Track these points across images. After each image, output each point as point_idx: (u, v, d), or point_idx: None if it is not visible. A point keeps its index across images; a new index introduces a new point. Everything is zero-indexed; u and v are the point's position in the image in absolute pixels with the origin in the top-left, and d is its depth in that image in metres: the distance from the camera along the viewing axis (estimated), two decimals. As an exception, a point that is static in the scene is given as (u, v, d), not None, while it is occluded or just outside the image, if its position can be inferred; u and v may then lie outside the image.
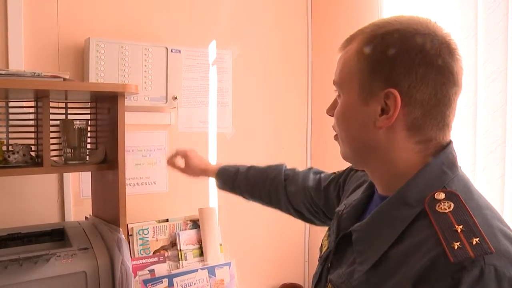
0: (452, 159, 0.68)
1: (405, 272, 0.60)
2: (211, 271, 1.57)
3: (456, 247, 0.57)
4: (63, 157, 1.33)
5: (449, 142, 0.69)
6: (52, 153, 1.27)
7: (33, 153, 1.28)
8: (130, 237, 1.51)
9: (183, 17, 1.75)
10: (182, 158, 1.40)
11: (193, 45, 1.75)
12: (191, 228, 1.64)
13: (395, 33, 0.65)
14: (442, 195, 0.63)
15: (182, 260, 1.57)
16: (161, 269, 1.51)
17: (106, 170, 1.32)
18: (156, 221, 1.58)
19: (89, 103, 1.44)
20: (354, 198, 0.82)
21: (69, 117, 1.39)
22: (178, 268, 1.55)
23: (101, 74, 1.50)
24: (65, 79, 1.18)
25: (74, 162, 1.31)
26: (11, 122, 1.34)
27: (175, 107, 1.71)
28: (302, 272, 2.10)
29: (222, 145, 1.85)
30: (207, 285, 1.55)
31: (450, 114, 0.67)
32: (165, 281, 1.48)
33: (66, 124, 1.32)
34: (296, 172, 1.18)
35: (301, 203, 1.13)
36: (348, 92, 0.70)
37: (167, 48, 1.62)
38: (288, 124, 2.05)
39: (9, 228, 1.29)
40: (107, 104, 1.32)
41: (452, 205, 0.62)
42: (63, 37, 1.51)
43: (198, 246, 1.62)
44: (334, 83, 0.74)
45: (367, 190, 0.79)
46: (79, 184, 1.57)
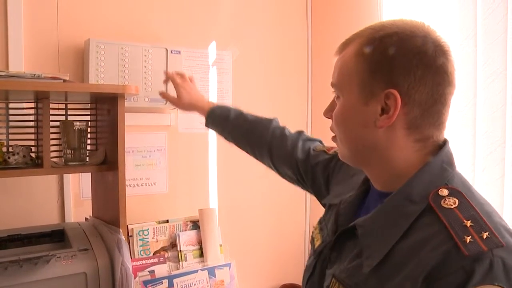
0: (450, 157, 0.71)
1: (415, 266, 0.62)
2: (211, 272, 1.58)
3: (468, 241, 0.59)
4: (63, 158, 1.33)
5: (445, 141, 0.72)
6: (52, 154, 1.27)
7: (33, 154, 1.28)
8: (130, 238, 1.52)
9: (183, 18, 1.75)
10: (179, 84, 1.41)
11: (193, 46, 1.75)
12: (191, 229, 1.64)
13: (394, 36, 0.67)
14: (446, 192, 0.66)
15: (182, 261, 1.57)
16: (161, 270, 1.51)
17: (106, 171, 1.32)
18: (156, 222, 1.59)
19: (89, 104, 1.44)
20: (349, 194, 0.83)
21: (69, 118, 1.39)
22: (178, 269, 1.55)
23: (101, 75, 1.50)
24: (65, 81, 1.18)
25: (74, 163, 1.31)
26: (11, 124, 1.34)
27: (175, 108, 1.71)
28: (302, 273, 2.09)
29: (222, 146, 1.85)
30: (207, 286, 1.55)
31: (446, 113, 0.70)
32: (165, 282, 1.48)
33: (66, 125, 1.32)
34: (285, 136, 1.17)
35: (286, 169, 1.14)
36: (348, 93, 0.72)
37: (167, 49, 1.62)
38: (288, 125, 2.02)
39: (9, 229, 1.29)
40: (107, 105, 1.32)
41: (457, 201, 0.65)
42: (63, 38, 1.51)
43: (198, 247, 1.62)
44: (333, 85, 0.76)
45: (362, 186, 0.82)
46: (79, 185, 1.57)
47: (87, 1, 1.56)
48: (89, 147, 1.40)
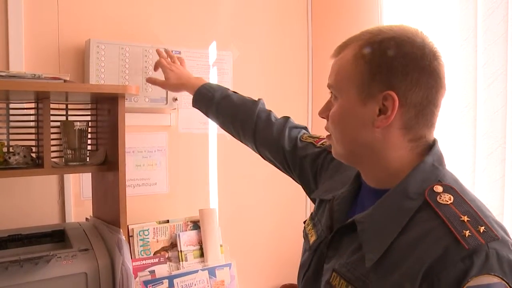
0: (440, 156, 0.75)
1: (414, 261, 0.65)
2: (212, 272, 1.58)
3: (467, 235, 0.63)
4: (64, 159, 1.33)
5: (435, 141, 0.77)
6: (53, 155, 1.27)
7: (34, 155, 1.28)
8: (131, 238, 1.52)
9: (183, 18, 1.75)
10: (167, 66, 1.42)
11: (193, 46, 1.75)
12: (192, 229, 1.64)
13: (392, 40, 0.71)
14: (440, 188, 0.70)
15: (183, 261, 1.57)
16: (162, 270, 1.51)
17: (107, 171, 1.32)
18: (157, 222, 1.59)
19: (90, 105, 1.44)
20: (342, 190, 0.86)
21: (70, 119, 1.39)
22: (179, 269, 1.55)
23: (102, 76, 1.50)
24: (66, 81, 1.18)
25: (75, 164, 1.32)
26: (12, 124, 1.34)
27: (176, 108, 1.71)
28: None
29: (222, 146, 1.85)
30: (208, 286, 1.55)
31: (437, 114, 0.75)
32: (166, 282, 1.48)
33: (67, 126, 1.32)
34: (271, 121, 1.17)
35: (268, 154, 1.16)
36: (346, 94, 0.75)
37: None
38: (289, 125, 2.04)
39: (10, 229, 1.29)
40: (108, 106, 1.32)
41: (452, 198, 0.69)
42: (64, 39, 1.51)
43: (199, 247, 1.62)
44: (330, 87, 0.79)
45: (355, 183, 0.85)
46: (80, 185, 1.57)
47: (88, 2, 1.56)
48: (90, 147, 1.40)
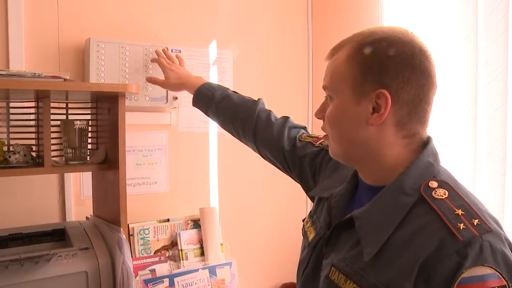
0: (435, 153, 0.78)
1: (411, 254, 0.67)
2: (212, 271, 1.58)
3: (461, 228, 0.65)
4: (64, 157, 1.33)
5: (429, 138, 0.79)
6: (53, 153, 1.28)
7: (34, 153, 1.28)
8: (131, 237, 1.52)
9: (184, 17, 1.75)
10: (166, 66, 1.47)
11: (194, 45, 1.75)
12: (192, 228, 1.64)
13: (383, 41, 0.74)
14: (435, 184, 0.73)
15: (183, 260, 1.57)
16: (162, 269, 1.52)
17: (107, 170, 1.32)
18: (157, 221, 1.59)
19: (90, 103, 1.44)
20: (340, 188, 0.88)
21: (70, 117, 1.39)
22: (179, 268, 1.55)
23: (102, 74, 1.50)
24: (66, 80, 1.18)
25: (75, 162, 1.32)
26: (12, 123, 1.34)
27: (176, 107, 1.71)
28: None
29: (223, 145, 1.85)
30: (208, 285, 1.56)
31: (429, 111, 0.77)
32: (166, 281, 1.48)
33: (67, 124, 1.32)
34: (270, 121, 1.20)
35: (269, 154, 1.18)
36: (341, 95, 0.78)
37: (168, 48, 1.62)
38: (289, 124, 2.04)
39: (10, 228, 1.29)
40: (108, 104, 1.32)
41: (447, 192, 0.71)
42: (64, 38, 1.51)
43: (199, 246, 1.62)
44: (325, 88, 0.81)
45: (352, 180, 0.87)
46: (80, 184, 1.57)
47: (88, 0, 1.56)
48: (90, 146, 1.40)
